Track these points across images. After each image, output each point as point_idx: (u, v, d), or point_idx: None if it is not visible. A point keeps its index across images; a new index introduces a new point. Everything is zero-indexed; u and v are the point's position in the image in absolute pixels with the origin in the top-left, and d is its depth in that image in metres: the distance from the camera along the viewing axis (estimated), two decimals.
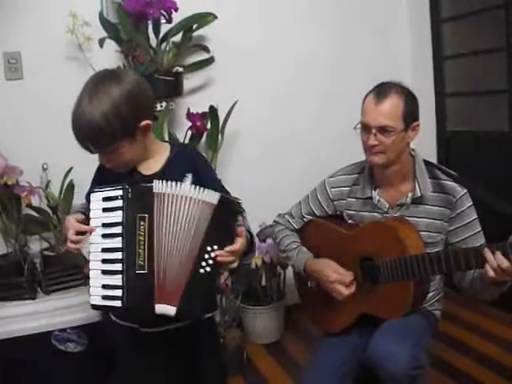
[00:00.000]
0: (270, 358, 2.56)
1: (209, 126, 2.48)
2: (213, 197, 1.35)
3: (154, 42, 2.38)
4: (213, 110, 2.42)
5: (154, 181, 1.36)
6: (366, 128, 1.78)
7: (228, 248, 1.37)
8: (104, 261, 1.39)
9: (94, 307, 1.42)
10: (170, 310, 1.37)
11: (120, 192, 1.38)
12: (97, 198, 1.41)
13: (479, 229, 1.80)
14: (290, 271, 2.67)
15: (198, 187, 1.36)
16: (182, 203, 1.36)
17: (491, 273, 1.52)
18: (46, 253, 2.37)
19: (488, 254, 1.53)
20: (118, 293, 1.37)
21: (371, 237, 1.85)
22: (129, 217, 1.36)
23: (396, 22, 3.03)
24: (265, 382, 2.38)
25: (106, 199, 1.40)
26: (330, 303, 1.93)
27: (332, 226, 1.99)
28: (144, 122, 1.39)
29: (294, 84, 2.90)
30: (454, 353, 2.42)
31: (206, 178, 1.49)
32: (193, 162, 1.52)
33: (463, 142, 2.85)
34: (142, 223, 1.36)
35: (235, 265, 1.44)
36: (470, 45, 2.80)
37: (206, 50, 2.58)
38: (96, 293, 1.40)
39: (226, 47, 2.62)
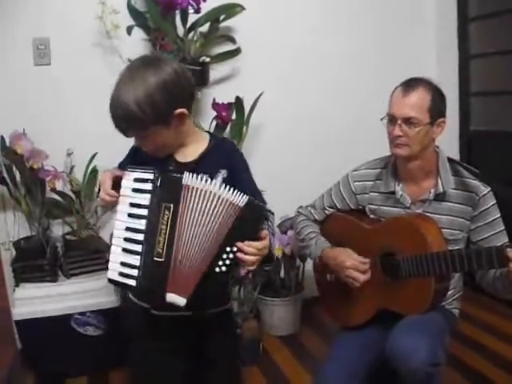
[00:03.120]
0: (286, 350, 2.57)
1: (234, 116, 2.48)
2: (241, 199, 1.35)
3: (180, 31, 2.39)
4: (239, 101, 2.43)
5: (185, 173, 1.37)
6: (391, 119, 1.79)
7: (249, 243, 1.36)
8: (126, 239, 1.41)
9: (110, 281, 1.44)
10: (180, 301, 1.38)
11: (151, 176, 1.39)
12: (129, 177, 1.43)
13: (502, 228, 1.78)
14: (308, 264, 2.69)
15: (227, 186, 1.36)
16: (209, 200, 1.36)
17: None
18: (67, 237, 2.41)
19: (510, 253, 1.53)
20: (134, 272, 1.39)
21: (393, 232, 1.84)
22: (154, 203, 1.37)
23: (423, 19, 3.01)
24: (280, 374, 2.38)
25: (136, 180, 1.42)
26: (349, 297, 1.94)
27: (354, 219, 1.99)
28: (178, 111, 1.40)
29: (319, 78, 2.89)
30: (469, 352, 2.41)
31: (240, 176, 1.51)
32: (229, 158, 1.52)
33: (486, 141, 2.83)
34: (166, 212, 1.37)
35: (253, 267, 1.41)
36: (496, 44, 2.76)
37: (233, 40, 2.58)
38: (114, 268, 1.42)
39: (253, 39, 2.62)
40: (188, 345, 1.58)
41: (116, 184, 1.46)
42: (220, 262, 1.37)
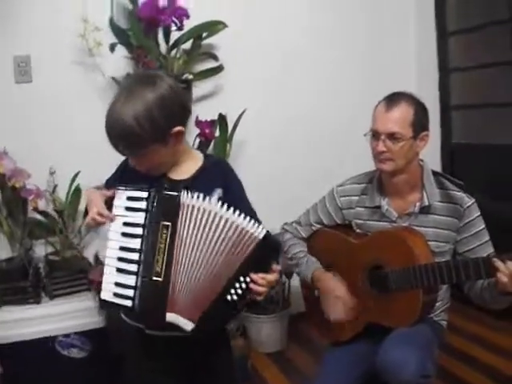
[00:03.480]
0: (275, 367, 2.54)
1: (217, 133, 2.48)
2: (259, 231, 1.34)
3: (163, 48, 2.40)
4: (222, 118, 2.43)
5: (183, 191, 1.35)
6: (375, 135, 1.80)
7: (263, 275, 1.35)
8: (120, 259, 1.38)
9: (104, 303, 1.41)
10: (186, 325, 1.36)
11: (145, 194, 1.37)
12: (121, 196, 1.40)
13: (487, 238, 1.80)
14: (294, 280, 2.67)
15: (243, 215, 1.35)
16: (213, 220, 1.34)
17: (505, 279, 1.52)
18: (51, 257, 2.37)
19: (498, 263, 1.54)
20: (130, 293, 1.36)
21: (380, 246, 1.85)
22: (152, 222, 1.35)
23: (402, 34, 3.06)
24: None
25: (130, 198, 1.39)
26: None
27: (340, 234, 1.99)
28: (176, 129, 1.38)
29: (303, 93, 2.91)
30: (457, 363, 2.41)
31: (235, 196, 1.48)
32: (225, 178, 1.51)
33: (468, 154, 2.87)
34: (164, 231, 1.35)
35: (261, 298, 1.40)
36: (475, 58, 2.82)
37: (215, 58, 2.59)
38: (108, 288, 1.39)
39: (235, 56, 2.64)
40: (183, 365, 1.54)
41: (107, 204, 1.43)
42: (232, 291, 1.36)
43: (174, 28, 2.31)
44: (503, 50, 2.62)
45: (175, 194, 1.36)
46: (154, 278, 1.35)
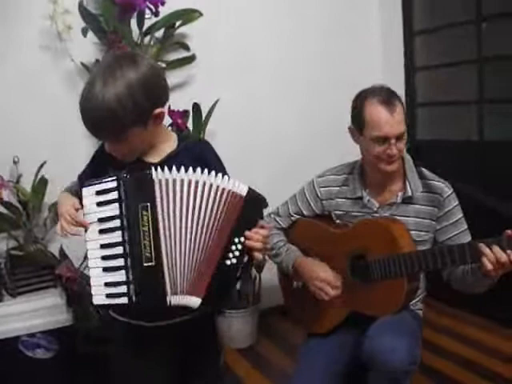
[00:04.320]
0: (247, 362, 2.51)
1: (189, 123, 2.42)
2: (242, 188, 1.32)
3: (135, 35, 2.30)
4: (196, 108, 2.38)
5: (152, 168, 1.30)
6: (382, 140, 1.77)
7: (256, 230, 1.33)
8: (104, 257, 1.32)
9: (98, 307, 1.37)
10: (194, 302, 1.32)
11: (114, 184, 1.30)
12: (90, 193, 1.33)
13: (466, 227, 1.85)
14: (264, 274, 2.68)
15: (224, 175, 1.33)
16: (199, 189, 1.31)
17: (489, 266, 1.56)
18: (13, 252, 2.22)
19: (484, 248, 1.58)
20: (123, 289, 1.30)
21: (363, 235, 1.86)
22: (130, 208, 1.29)
23: (368, 33, 3.11)
24: None
25: (99, 193, 1.32)
26: (318, 303, 1.92)
27: (320, 224, 2.00)
28: (157, 110, 1.33)
29: (275, 83, 2.92)
30: (429, 354, 2.43)
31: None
32: (202, 157, 1.45)
33: (432, 149, 2.94)
34: (144, 213, 1.29)
35: (261, 257, 1.38)
36: (440, 57, 2.90)
37: (186, 48, 2.52)
38: (98, 292, 1.32)
39: (208, 45, 2.60)
40: (175, 355, 1.49)
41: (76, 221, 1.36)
42: (230, 255, 1.33)
43: (147, 15, 2.24)
44: (467, 50, 2.72)
45: (146, 172, 1.30)
46: (146, 265, 1.29)
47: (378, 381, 1.79)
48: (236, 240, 1.33)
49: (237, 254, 1.33)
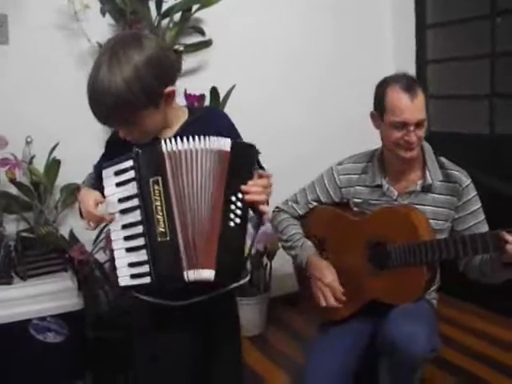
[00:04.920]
0: (256, 350, 2.50)
1: None
2: (224, 143, 1.27)
3: (153, 17, 2.28)
4: (214, 92, 2.36)
5: (161, 140, 1.26)
6: (402, 126, 1.78)
7: (253, 182, 1.27)
8: (126, 238, 1.29)
9: (124, 288, 1.31)
10: (208, 274, 1.27)
11: (130, 162, 1.27)
12: (109, 174, 1.31)
13: (483, 217, 1.86)
14: (275, 262, 2.67)
15: (206, 137, 1.27)
16: (195, 157, 1.26)
17: None
18: (24, 234, 2.18)
19: (507, 235, 1.59)
20: (146, 268, 1.27)
21: (382, 222, 1.86)
22: (142, 184, 1.25)
23: (381, 25, 3.13)
24: (255, 375, 2.31)
25: (117, 173, 1.29)
26: None
27: (338, 211, 2.00)
28: (169, 89, 1.29)
29: (287, 73, 2.91)
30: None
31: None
32: (216, 126, 1.40)
33: (445, 142, 2.94)
34: (156, 187, 1.25)
35: (267, 209, 1.32)
36: (453, 51, 2.92)
37: (201, 32, 2.50)
38: (123, 273, 1.30)
39: (224, 31, 2.57)
40: (198, 334, 1.47)
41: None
42: (231, 215, 1.27)
43: None
44: (483, 44, 2.73)
45: (155, 145, 1.26)
46: (160, 240, 1.26)
47: (395, 369, 1.80)
48: (233, 198, 1.27)
49: (238, 212, 1.27)
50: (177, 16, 2.37)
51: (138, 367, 1.55)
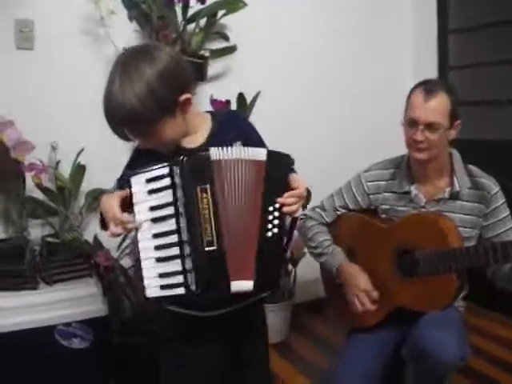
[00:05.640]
0: (281, 358, 2.48)
1: None
2: (261, 154, 1.27)
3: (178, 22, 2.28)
4: (241, 98, 2.35)
5: (211, 148, 1.25)
6: (412, 123, 1.79)
7: (290, 193, 1.28)
8: (157, 247, 1.27)
9: (152, 300, 1.29)
10: (247, 285, 1.26)
11: (166, 170, 1.25)
12: (139, 181, 1.28)
13: None
14: (300, 269, 2.66)
15: (245, 147, 1.28)
16: (239, 167, 1.26)
17: None
18: (49, 239, 2.18)
19: None
20: (179, 279, 1.25)
21: (410, 229, 1.84)
22: (187, 192, 1.24)
23: (402, 31, 3.13)
24: (281, 382, 2.29)
25: (150, 180, 1.27)
26: None
27: (366, 218, 1.98)
28: (183, 97, 1.28)
29: (314, 78, 2.91)
30: None
31: (256, 145, 1.37)
32: (240, 130, 1.42)
33: (467, 149, 2.94)
34: (204, 195, 1.24)
35: (300, 213, 1.34)
36: (474, 56, 2.90)
37: (226, 38, 2.51)
38: (152, 284, 1.27)
39: (249, 36, 2.57)
40: (226, 344, 1.45)
41: (126, 204, 1.30)
42: (269, 225, 1.28)
43: (193, 1, 2.20)
44: (504, 49, 2.72)
45: (205, 153, 1.25)
46: (208, 249, 1.24)
47: (424, 377, 1.78)
48: (270, 208, 1.28)
49: (276, 222, 1.28)
50: (202, 21, 2.36)
51: (164, 376, 1.53)
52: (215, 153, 1.26)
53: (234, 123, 1.44)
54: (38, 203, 2.16)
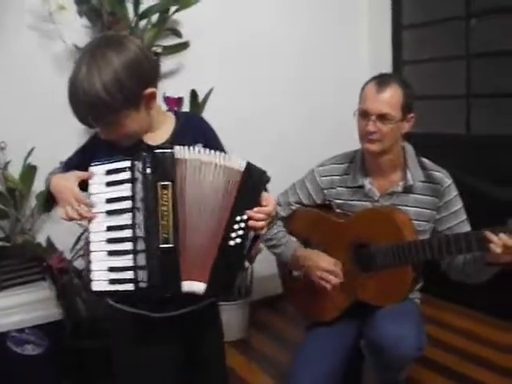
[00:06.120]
0: (239, 355, 2.47)
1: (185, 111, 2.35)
2: (240, 163, 1.27)
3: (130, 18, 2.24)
4: (194, 95, 2.32)
5: (175, 147, 1.25)
6: (365, 115, 1.81)
7: (259, 209, 1.28)
8: (110, 240, 1.25)
9: (98, 294, 1.27)
10: (199, 287, 1.26)
11: (128, 163, 1.24)
12: (98, 172, 1.27)
13: (465, 217, 1.88)
14: (257, 265, 2.64)
15: (222, 153, 1.28)
16: (207, 169, 1.26)
17: (498, 250, 1.59)
18: None
19: (491, 235, 1.61)
20: (129, 275, 1.24)
21: (366, 224, 1.87)
22: (148, 187, 1.23)
23: (357, 25, 3.16)
24: (241, 380, 2.28)
25: (110, 172, 1.26)
26: (319, 292, 1.91)
27: (321, 213, 1.99)
28: (148, 91, 1.28)
29: (266, 73, 2.91)
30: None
31: (216, 148, 1.37)
32: (202, 132, 1.43)
33: (420, 142, 3.00)
34: (164, 192, 1.23)
35: (264, 231, 1.33)
36: (428, 51, 2.96)
37: (178, 34, 2.46)
38: (101, 277, 1.25)
39: (201, 32, 2.54)
40: (180, 346, 1.43)
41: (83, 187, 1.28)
42: (233, 234, 1.28)
43: None
44: (455, 45, 2.79)
45: (170, 151, 1.24)
46: (163, 246, 1.23)
47: (383, 369, 1.82)
48: (238, 218, 1.28)
49: (240, 232, 1.28)
50: (154, 17, 2.32)
51: (118, 377, 1.49)
52: (181, 152, 1.25)
53: (196, 125, 1.44)
54: None
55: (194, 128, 1.41)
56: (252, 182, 1.29)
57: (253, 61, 2.84)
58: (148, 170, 1.23)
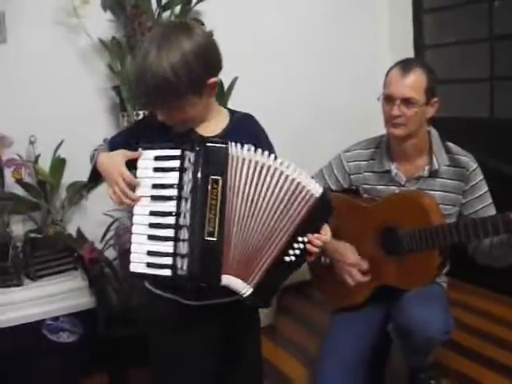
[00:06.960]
0: (268, 341, 2.45)
1: None
2: (317, 188, 1.29)
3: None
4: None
5: (229, 142, 1.26)
6: (389, 99, 1.82)
7: (319, 236, 1.31)
8: (152, 225, 1.27)
9: (134, 275, 1.30)
10: (244, 289, 1.28)
11: (178, 152, 1.26)
12: (147, 156, 1.29)
13: (490, 201, 1.88)
14: None
15: (296, 166, 1.28)
16: (268, 174, 1.27)
17: None
18: (32, 235, 2.15)
19: None
20: (168, 260, 1.25)
21: (393, 208, 1.87)
22: (198, 179, 1.24)
23: (377, 11, 3.14)
24: (271, 366, 2.30)
25: (159, 158, 1.28)
26: None
27: (349, 198, 2.00)
28: (212, 80, 1.30)
29: (289, 63, 2.90)
30: None
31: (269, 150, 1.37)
32: (255, 133, 1.43)
33: (443, 127, 2.99)
34: (214, 186, 1.24)
35: (312, 258, 1.36)
36: (451, 35, 2.93)
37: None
38: (138, 259, 1.27)
39: (224, 23, 2.42)
40: (220, 336, 1.45)
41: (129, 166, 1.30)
42: (291, 251, 1.29)
43: None
44: (480, 28, 2.75)
45: (223, 145, 1.26)
46: (207, 239, 1.24)
47: (411, 352, 1.84)
48: (300, 239, 1.30)
49: (297, 252, 1.30)
50: (177, 9, 2.33)
51: (155, 365, 1.52)
52: (235, 149, 1.26)
53: (250, 125, 1.45)
54: (19, 199, 2.13)
55: (247, 127, 1.43)
56: (322, 211, 1.32)
57: (275, 49, 2.83)
58: (200, 163, 1.25)
